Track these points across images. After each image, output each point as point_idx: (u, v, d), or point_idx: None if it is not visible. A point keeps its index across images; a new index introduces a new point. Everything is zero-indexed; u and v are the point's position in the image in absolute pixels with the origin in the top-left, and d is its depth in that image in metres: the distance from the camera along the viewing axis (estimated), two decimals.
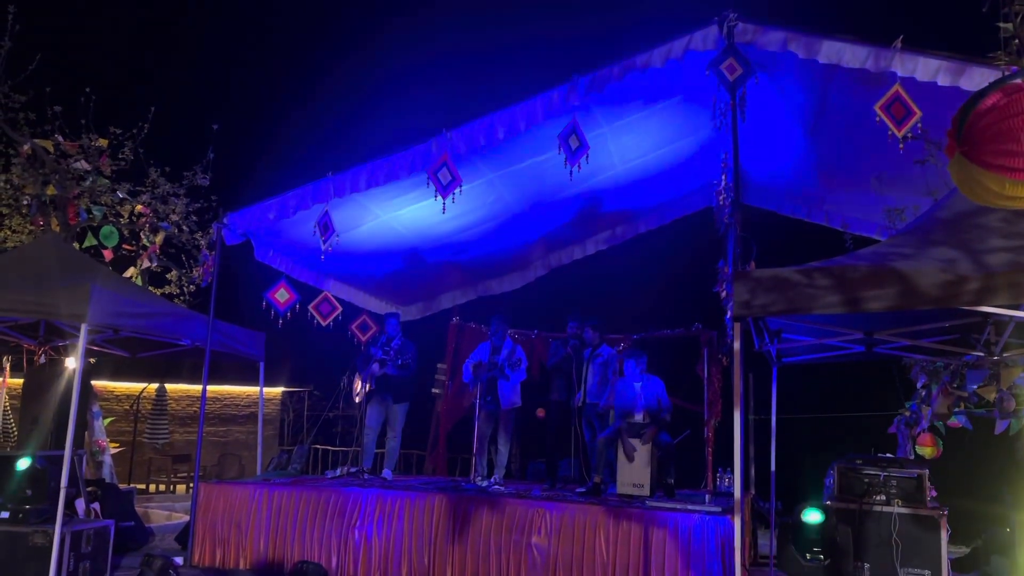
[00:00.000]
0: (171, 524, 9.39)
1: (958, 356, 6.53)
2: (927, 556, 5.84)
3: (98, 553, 6.54)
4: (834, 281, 4.48)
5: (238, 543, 7.19)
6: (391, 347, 8.26)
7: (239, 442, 18.00)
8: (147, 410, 16.44)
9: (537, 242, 9.92)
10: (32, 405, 7.80)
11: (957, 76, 5.55)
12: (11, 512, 6.26)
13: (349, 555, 6.94)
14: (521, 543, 6.43)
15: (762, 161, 8.66)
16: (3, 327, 8.14)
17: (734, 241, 6.10)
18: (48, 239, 8.08)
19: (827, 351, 6.83)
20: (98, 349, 8.61)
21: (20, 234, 10.07)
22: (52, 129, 9.69)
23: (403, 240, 8.90)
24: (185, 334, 7.65)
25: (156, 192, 10.25)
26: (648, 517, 6.15)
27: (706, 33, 6.31)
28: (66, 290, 6.31)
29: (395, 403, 8.37)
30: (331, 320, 8.79)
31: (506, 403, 8.10)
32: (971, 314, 5.24)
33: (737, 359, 4.95)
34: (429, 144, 6.93)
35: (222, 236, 7.74)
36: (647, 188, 9.31)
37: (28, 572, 6.01)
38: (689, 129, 8.00)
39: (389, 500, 6.98)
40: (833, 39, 5.93)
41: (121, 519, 7.52)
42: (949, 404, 7.23)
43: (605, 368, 8.13)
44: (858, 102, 6.68)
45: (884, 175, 7.42)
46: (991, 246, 4.36)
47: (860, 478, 6.25)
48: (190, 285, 10.81)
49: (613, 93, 6.69)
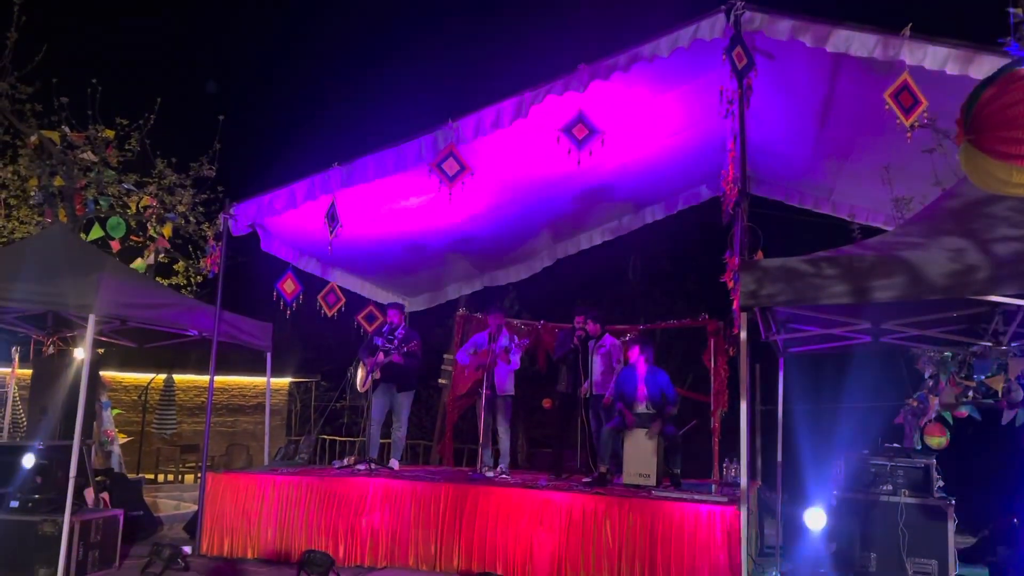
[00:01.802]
0: (179, 513, 9.44)
1: (966, 346, 6.51)
2: (934, 546, 5.84)
3: (107, 542, 6.59)
4: (841, 271, 4.47)
5: (246, 532, 7.23)
6: (395, 336, 8.27)
7: (247, 432, 18.08)
8: (155, 400, 16.51)
9: (543, 232, 9.90)
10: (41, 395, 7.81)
11: (966, 64, 5.50)
12: (20, 502, 6.32)
13: (356, 544, 6.97)
14: (527, 532, 6.45)
15: (769, 150, 8.62)
16: (12, 318, 8.18)
17: (741, 231, 6.08)
18: (56, 230, 8.10)
19: (834, 341, 6.81)
20: (106, 340, 8.64)
21: (28, 225, 10.11)
22: (59, 120, 9.70)
23: (410, 231, 8.89)
24: (192, 325, 7.67)
25: (163, 183, 10.27)
26: (654, 507, 6.15)
27: (713, 21, 6.27)
28: (74, 281, 6.34)
29: (400, 392, 8.38)
30: (337, 310, 8.82)
31: (501, 390, 8.17)
32: (979, 303, 5.22)
33: (743, 349, 4.94)
34: (435, 134, 6.92)
35: (228, 227, 7.74)
36: (654, 178, 9.27)
37: (38, 561, 6.07)
38: (696, 118, 7.96)
39: (396, 489, 7.01)
40: (841, 27, 5.88)
41: (130, 508, 7.56)
42: (957, 394, 7.21)
43: (609, 358, 8.14)
44: (866, 91, 6.63)
45: (892, 164, 7.38)
46: (1000, 235, 4.34)
47: (867, 468, 6.25)
48: (197, 276, 10.84)
49: (620, 82, 6.66)
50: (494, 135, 6.96)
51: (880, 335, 6.37)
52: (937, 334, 6.18)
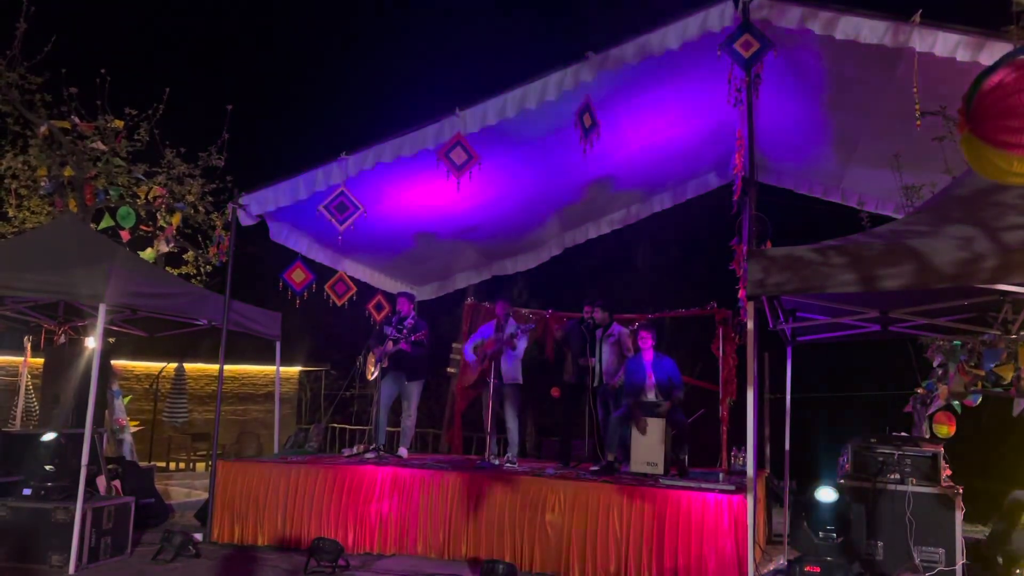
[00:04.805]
0: (191, 501, 9.52)
1: (975, 335, 6.48)
2: (941, 535, 5.84)
3: (119, 529, 6.66)
4: (849, 259, 4.45)
5: (256, 520, 7.29)
6: (404, 325, 8.29)
7: (257, 420, 18.19)
8: (166, 389, 16.62)
9: (551, 221, 9.89)
10: (52, 384, 7.89)
11: (977, 51, 5.46)
12: (34, 489, 6.39)
13: (365, 531, 7.02)
14: (535, 520, 6.48)
15: (778, 139, 8.58)
16: (23, 307, 8.24)
17: (749, 220, 6.06)
18: (66, 220, 8.15)
19: (842, 330, 6.79)
20: (117, 329, 8.71)
21: (39, 215, 10.16)
22: (68, 110, 9.74)
23: (418, 220, 8.90)
24: (202, 314, 7.72)
25: (172, 173, 10.30)
26: (662, 495, 6.17)
27: (722, 10, 6.24)
28: (84, 271, 6.38)
29: (409, 381, 8.40)
30: (346, 300, 8.85)
31: (507, 378, 8.18)
32: (988, 292, 5.19)
33: (751, 338, 4.93)
34: (441, 123, 6.91)
35: (237, 217, 7.77)
36: (662, 167, 9.25)
37: (50, 547, 6.14)
38: (704, 107, 7.92)
39: (404, 477, 7.05)
40: (850, 14, 5.85)
41: (141, 496, 7.63)
42: (966, 383, 7.19)
43: (618, 347, 8.14)
44: (875, 79, 6.59)
45: (902, 152, 7.33)
46: (1009, 223, 4.31)
47: (875, 457, 6.25)
48: (206, 265, 10.88)
49: (627, 71, 6.64)
50: (500, 125, 6.95)
51: (889, 324, 6.35)
52: (946, 323, 6.16)
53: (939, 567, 5.78)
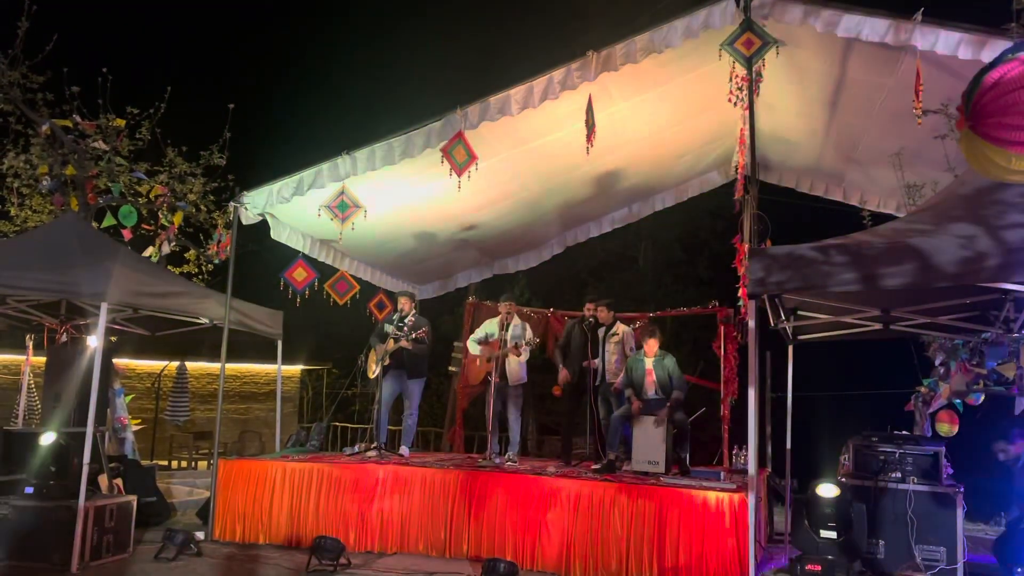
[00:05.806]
0: (192, 500, 9.53)
1: (977, 333, 6.47)
2: (943, 533, 5.84)
3: (121, 527, 6.66)
4: (850, 258, 4.44)
5: (258, 518, 7.30)
6: (405, 323, 8.28)
7: (259, 419, 18.20)
8: (168, 388, 16.62)
9: (553, 220, 9.88)
10: (54, 383, 7.88)
11: (979, 49, 5.45)
12: (36, 488, 6.39)
13: (367, 530, 7.03)
14: (536, 519, 6.48)
15: (779, 137, 8.57)
16: (25, 306, 8.24)
17: (750, 218, 6.06)
18: (68, 219, 8.14)
19: (843, 328, 6.79)
20: (118, 327, 8.70)
21: (41, 214, 10.17)
22: (70, 109, 9.74)
23: (419, 219, 8.89)
24: (204, 312, 7.72)
25: (173, 172, 10.30)
26: (663, 494, 6.17)
27: (724, 7, 6.23)
28: (86, 269, 6.39)
29: (410, 379, 8.40)
30: (348, 299, 8.85)
31: (513, 379, 8.16)
32: (990, 291, 5.19)
33: (752, 337, 4.93)
34: (443, 121, 6.90)
35: (238, 215, 7.77)
36: (663, 165, 9.23)
37: (52, 546, 6.14)
38: (705, 105, 7.92)
39: (406, 476, 7.05)
40: (852, 12, 5.83)
41: (143, 494, 7.64)
42: (968, 381, 7.18)
43: (621, 346, 8.13)
44: (877, 77, 6.59)
45: (904, 151, 7.32)
46: (1011, 222, 4.31)
47: (876, 455, 6.25)
48: (208, 264, 10.88)
49: (629, 70, 6.62)
50: (501, 123, 6.95)
51: (890, 322, 6.34)
52: (948, 321, 6.15)
53: (940, 566, 5.78)
